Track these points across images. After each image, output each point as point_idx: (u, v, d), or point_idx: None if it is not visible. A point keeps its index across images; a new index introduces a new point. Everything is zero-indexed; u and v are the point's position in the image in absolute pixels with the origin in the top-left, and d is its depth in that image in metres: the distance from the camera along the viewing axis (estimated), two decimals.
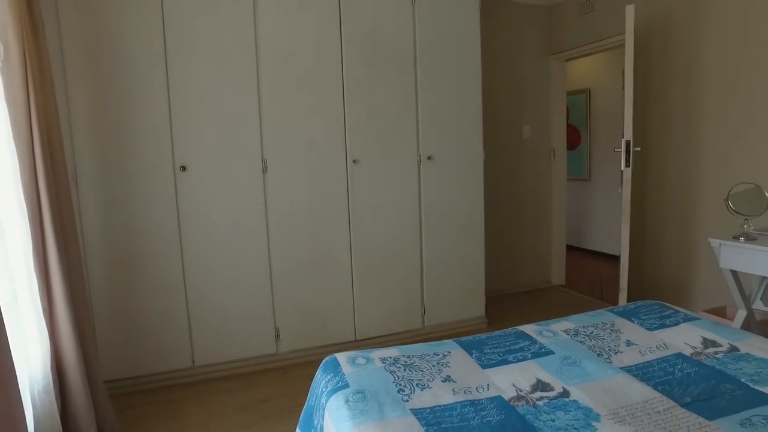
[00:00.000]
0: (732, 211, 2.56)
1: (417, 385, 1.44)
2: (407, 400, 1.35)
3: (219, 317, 2.76)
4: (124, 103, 2.51)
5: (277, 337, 2.91)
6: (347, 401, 1.35)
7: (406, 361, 1.58)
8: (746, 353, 1.64)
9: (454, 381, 1.47)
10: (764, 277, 2.60)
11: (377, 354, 1.64)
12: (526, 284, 4.31)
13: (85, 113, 2.46)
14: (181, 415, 2.41)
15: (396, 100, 3.03)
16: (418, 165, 3.12)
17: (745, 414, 1.29)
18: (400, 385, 1.43)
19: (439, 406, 1.33)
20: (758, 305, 2.66)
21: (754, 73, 2.81)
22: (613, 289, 3.97)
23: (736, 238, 2.48)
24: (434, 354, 1.65)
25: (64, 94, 2.38)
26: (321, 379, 1.53)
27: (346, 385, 1.43)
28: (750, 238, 2.45)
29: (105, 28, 2.45)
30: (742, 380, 1.47)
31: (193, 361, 2.74)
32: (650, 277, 3.56)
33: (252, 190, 2.77)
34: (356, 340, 3.10)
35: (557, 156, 4.28)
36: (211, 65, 2.63)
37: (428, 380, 1.47)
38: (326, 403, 1.40)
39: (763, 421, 1.26)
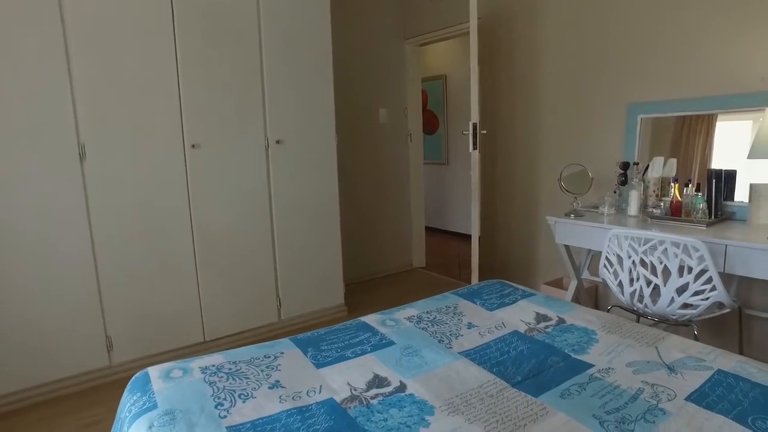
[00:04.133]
0: (564, 191, 2.74)
1: (239, 396, 1.27)
2: (225, 416, 1.18)
3: (30, 332, 2.32)
4: None
5: (110, 346, 2.53)
6: (151, 427, 1.13)
7: (230, 369, 1.40)
8: (571, 324, 1.73)
9: (282, 386, 1.32)
10: (590, 250, 2.84)
11: (198, 363, 1.43)
12: (388, 268, 4.33)
13: None
14: None
15: (240, 80, 2.77)
16: (266, 149, 2.90)
17: (565, 385, 1.32)
18: (219, 398, 1.25)
19: (262, 418, 1.18)
20: (586, 275, 2.90)
21: (578, 59, 3.03)
22: (470, 268, 4.14)
23: (567, 215, 2.66)
24: (265, 357, 1.48)
25: None
26: (126, 402, 1.29)
27: (154, 406, 1.21)
28: (578, 215, 2.64)
29: None
30: (566, 351, 1.53)
31: None
32: (502, 255, 3.75)
33: (67, 180, 2.34)
34: (206, 341, 2.83)
35: (414, 140, 4.32)
36: None
37: (253, 389, 1.30)
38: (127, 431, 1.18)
39: (578, 389, 1.30)
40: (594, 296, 3.10)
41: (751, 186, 2.30)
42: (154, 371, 1.38)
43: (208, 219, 2.74)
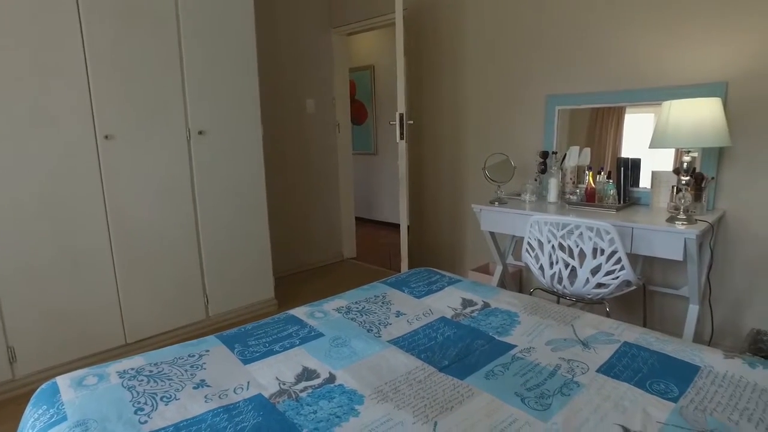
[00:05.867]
0: (488, 179, 2.84)
1: (162, 398, 1.21)
2: (145, 422, 1.12)
3: None
4: None
5: (13, 358, 2.32)
6: None
7: (151, 371, 1.33)
8: (495, 308, 1.80)
9: (208, 385, 1.28)
10: (513, 236, 2.97)
11: (115, 368, 1.35)
12: (319, 260, 4.30)
13: None
14: None
15: (157, 67, 2.61)
16: (188, 140, 2.77)
17: (489, 366, 1.38)
18: (138, 403, 1.19)
19: (186, 420, 1.13)
20: (511, 260, 3.03)
21: (499, 51, 3.14)
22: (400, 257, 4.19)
23: (491, 202, 2.76)
24: (189, 356, 1.43)
25: None
26: (29, 417, 1.18)
27: (63, 419, 1.13)
28: (502, 203, 2.74)
29: None
30: (490, 334, 1.59)
31: None
32: (430, 243, 3.83)
33: None
34: (127, 344, 2.68)
35: (342, 130, 4.30)
36: None
37: (176, 390, 1.25)
38: None
39: (502, 369, 1.36)
40: (519, 280, 3.25)
41: (653, 173, 2.50)
42: (63, 380, 1.28)
43: (126, 214, 2.58)
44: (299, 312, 1.74)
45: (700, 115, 2.05)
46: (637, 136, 2.61)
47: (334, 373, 1.35)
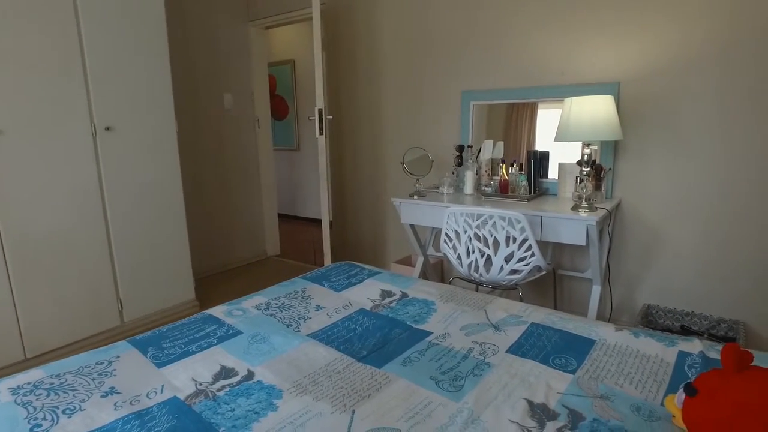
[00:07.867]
0: (407, 173, 2.91)
1: (64, 411, 1.14)
2: None
3: None
4: None
5: None
6: None
7: (52, 383, 1.25)
8: (413, 297, 1.86)
9: (118, 392, 1.22)
10: (433, 228, 3.06)
11: (8, 384, 1.25)
12: (242, 258, 4.21)
13: None
14: None
15: (52, 55, 2.41)
16: (94, 137, 2.61)
17: (406, 354, 1.43)
18: (35, 419, 1.11)
19: (92, 431, 1.08)
20: (431, 251, 3.13)
21: (415, 46, 3.21)
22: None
23: (411, 196, 2.83)
24: (97, 363, 1.36)
25: None
26: None
27: None
28: (420, 195, 2.82)
29: None
30: (408, 323, 1.64)
31: None
32: (353, 238, 3.86)
33: None
34: (27, 359, 2.48)
35: (262, 125, 4.22)
36: None
37: (82, 400, 1.18)
38: None
39: (418, 356, 1.41)
40: (440, 270, 3.36)
41: (559, 165, 2.68)
42: None
43: (22, 218, 2.38)
44: (217, 311, 1.70)
45: (596, 112, 2.23)
46: (549, 130, 2.78)
47: (253, 369, 1.34)
